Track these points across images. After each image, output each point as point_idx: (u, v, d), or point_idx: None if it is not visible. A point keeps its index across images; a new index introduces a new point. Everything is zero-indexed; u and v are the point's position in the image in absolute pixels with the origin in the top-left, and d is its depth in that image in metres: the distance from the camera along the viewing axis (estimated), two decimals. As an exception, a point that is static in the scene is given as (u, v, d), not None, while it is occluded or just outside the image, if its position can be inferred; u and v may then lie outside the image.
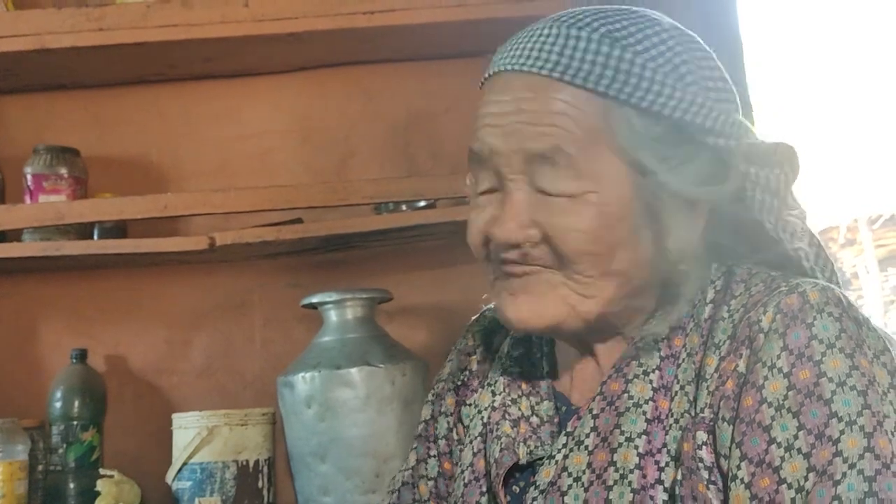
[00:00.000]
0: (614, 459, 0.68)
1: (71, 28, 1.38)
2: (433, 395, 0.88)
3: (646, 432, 0.68)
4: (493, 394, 0.80)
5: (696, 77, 0.68)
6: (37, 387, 1.49)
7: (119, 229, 1.51)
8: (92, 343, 1.51)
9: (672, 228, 0.68)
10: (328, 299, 1.34)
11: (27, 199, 1.46)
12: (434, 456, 0.86)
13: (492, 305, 0.85)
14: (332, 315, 1.35)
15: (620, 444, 0.68)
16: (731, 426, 0.64)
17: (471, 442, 0.79)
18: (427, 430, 0.87)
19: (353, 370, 1.28)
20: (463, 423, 0.83)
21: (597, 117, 0.66)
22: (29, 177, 1.46)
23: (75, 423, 1.40)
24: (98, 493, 1.29)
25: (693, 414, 0.67)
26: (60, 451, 1.39)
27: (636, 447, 0.67)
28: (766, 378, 0.64)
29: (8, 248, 1.43)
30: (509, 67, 0.69)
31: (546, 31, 0.69)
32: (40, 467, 1.40)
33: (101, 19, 1.38)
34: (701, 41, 0.73)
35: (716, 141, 0.68)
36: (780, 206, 0.71)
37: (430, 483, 0.85)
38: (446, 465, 0.84)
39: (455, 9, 1.38)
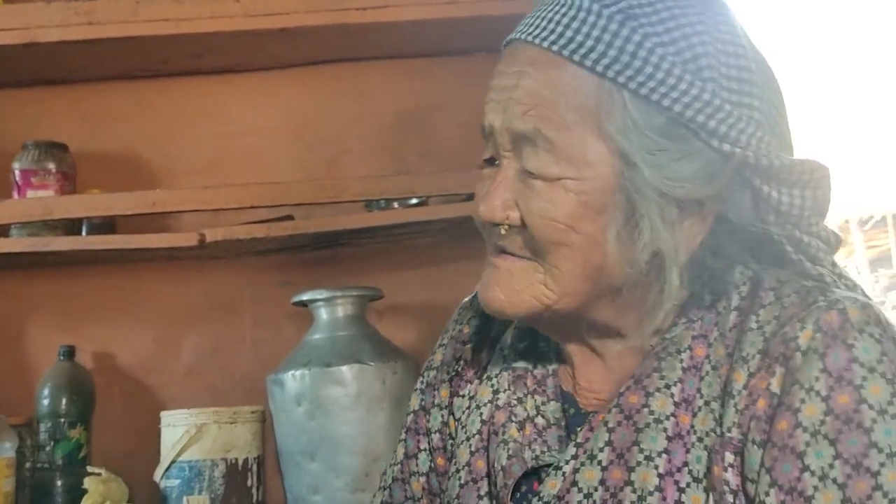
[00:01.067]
0: (632, 479, 0.64)
1: (60, 22, 1.37)
2: (423, 384, 0.84)
3: (666, 451, 0.64)
4: (496, 390, 0.76)
5: (715, 73, 0.63)
6: (24, 384, 1.48)
7: (108, 226, 1.49)
8: (80, 340, 1.49)
9: (656, 228, 0.63)
10: (318, 297, 1.34)
11: (15, 194, 1.45)
12: (425, 450, 0.81)
13: None
14: (323, 313, 1.34)
15: (639, 463, 0.64)
16: (762, 449, 0.61)
17: (468, 439, 0.76)
18: (417, 422, 0.83)
19: (344, 368, 1.28)
20: (455, 416, 0.79)
21: (589, 98, 0.63)
22: (17, 172, 1.46)
23: (63, 420, 1.39)
24: (85, 491, 1.27)
25: (719, 433, 0.63)
26: (48, 448, 1.39)
27: (656, 467, 0.64)
28: (802, 401, 0.60)
29: (-5, 243, 1.42)
30: (519, 37, 0.67)
31: (563, 3, 0.65)
32: (28, 464, 1.39)
33: (91, 13, 1.37)
34: (748, 39, 0.67)
35: (720, 145, 0.63)
36: (800, 232, 0.67)
37: (423, 479, 0.81)
38: (440, 461, 0.80)
39: (446, 6, 1.38)
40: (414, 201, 1.45)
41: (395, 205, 1.46)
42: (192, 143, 1.59)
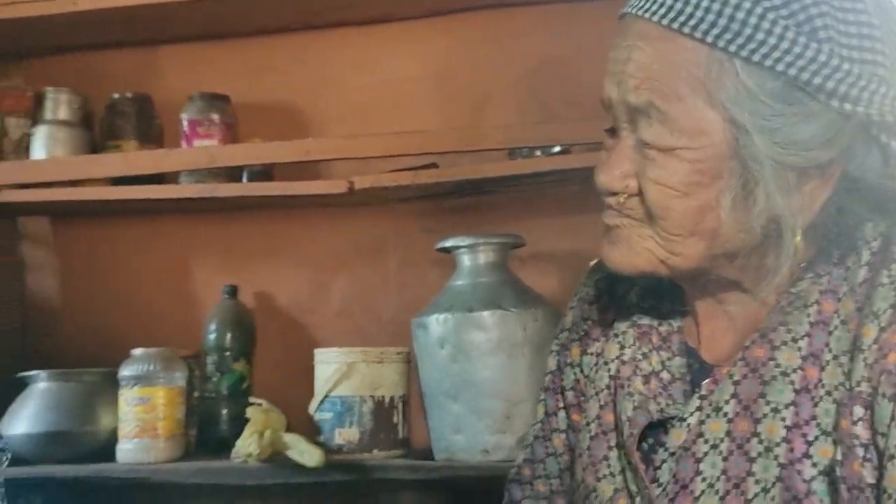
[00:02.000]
0: (758, 430, 0.65)
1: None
2: (557, 346, 0.87)
3: (793, 403, 0.65)
4: (622, 346, 0.78)
5: (832, 33, 0.62)
6: (192, 320, 1.60)
7: (266, 173, 1.58)
8: (241, 280, 1.59)
9: (771, 195, 0.64)
10: (461, 244, 1.36)
11: (183, 143, 1.54)
12: (563, 408, 0.85)
13: None
14: (466, 259, 1.37)
15: (765, 415, 0.65)
16: (892, 403, 0.61)
17: (596, 394, 0.78)
18: (554, 382, 0.86)
19: (486, 314, 1.30)
20: (584, 373, 0.82)
21: (700, 69, 0.63)
22: (185, 122, 1.54)
23: (227, 354, 1.50)
24: (248, 420, 1.35)
25: (849, 387, 0.64)
26: (214, 379, 1.50)
27: (783, 419, 0.64)
28: None
29: (166, 189, 1.52)
30: (631, 11, 0.68)
31: None
32: (196, 394, 1.50)
33: (251, -30, 1.44)
34: None
35: (840, 106, 0.62)
36: None
37: (563, 435, 0.84)
38: (574, 417, 0.83)
39: (595, -54, 1.34)
40: (557, 149, 1.43)
41: (539, 153, 1.45)
42: (341, 93, 1.64)
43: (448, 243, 1.37)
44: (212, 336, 1.50)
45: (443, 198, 1.55)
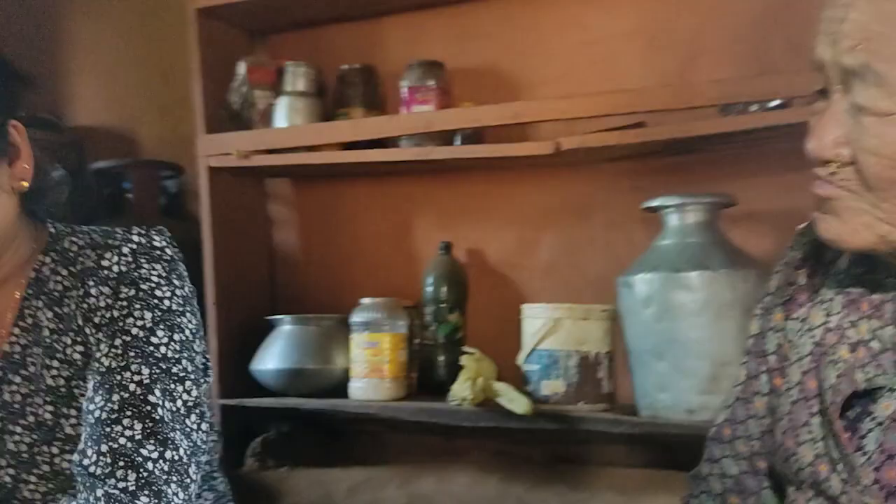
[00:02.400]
0: None
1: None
2: (761, 309, 0.86)
3: None
4: (828, 313, 0.76)
5: None
6: (412, 273, 1.72)
7: (476, 135, 1.64)
8: (455, 237, 1.68)
9: None
10: (669, 203, 1.35)
11: (402, 109, 1.63)
12: (765, 371, 0.84)
13: None
14: (673, 219, 1.36)
15: None
16: None
17: (799, 359, 0.77)
18: (756, 345, 0.86)
19: (693, 274, 1.29)
20: (788, 338, 0.81)
21: None
22: (404, 89, 1.63)
23: (443, 305, 1.60)
24: (462, 367, 1.45)
25: None
26: (432, 328, 1.61)
27: None
28: None
29: (388, 153, 1.63)
30: None
31: None
32: (417, 341, 1.62)
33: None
34: None
35: None
36: None
37: (765, 399, 0.84)
38: (776, 381, 0.83)
39: None
40: (775, 103, 1.36)
41: (754, 107, 1.38)
42: (548, 55, 1.65)
43: (655, 203, 1.37)
44: (429, 289, 1.62)
45: (651, 157, 1.53)
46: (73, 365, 0.89)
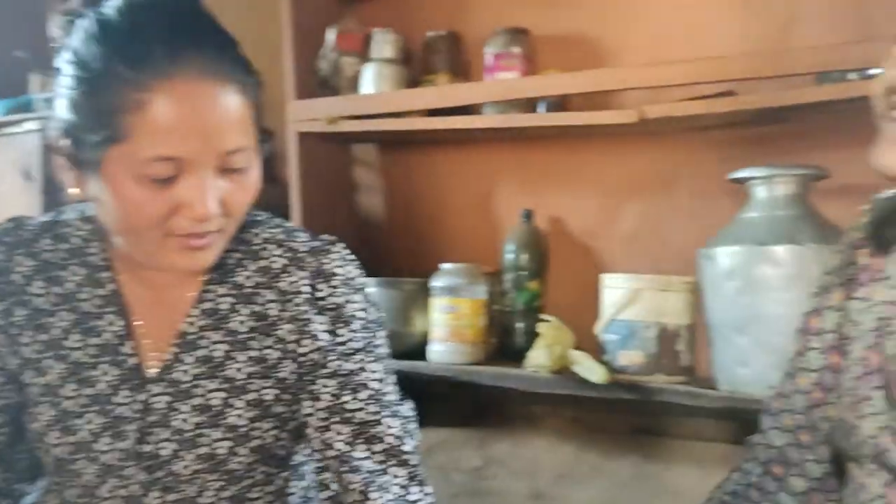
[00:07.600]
0: None
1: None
2: (819, 288, 0.87)
3: None
4: (892, 287, 0.76)
5: None
6: (493, 240, 1.74)
7: (560, 103, 1.63)
8: (536, 205, 1.68)
9: None
10: (757, 175, 1.31)
11: (486, 76, 1.63)
12: (817, 349, 0.86)
13: (882, 194, 0.82)
14: (761, 191, 1.32)
15: None
16: None
17: (862, 336, 0.78)
18: (808, 323, 0.87)
19: (779, 248, 1.26)
20: (848, 318, 0.81)
21: None
22: (489, 56, 1.63)
23: (523, 273, 1.61)
24: (539, 334, 1.47)
25: None
26: (511, 295, 1.62)
27: None
28: None
29: (472, 119, 1.63)
30: None
31: None
32: (496, 307, 1.64)
33: None
34: None
35: None
36: None
37: (813, 375, 0.85)
38: (834, 359, 0.83)
39: None
40: (875, 71, 1.30)
41: (852, 76, 1.32)
42: (636, 22, 1.62)
43: (742, 174, 1.33)
44: (510, 256, 1.63)
45: (739, 126, 1.49)
46: (261, 363, 0.91)
